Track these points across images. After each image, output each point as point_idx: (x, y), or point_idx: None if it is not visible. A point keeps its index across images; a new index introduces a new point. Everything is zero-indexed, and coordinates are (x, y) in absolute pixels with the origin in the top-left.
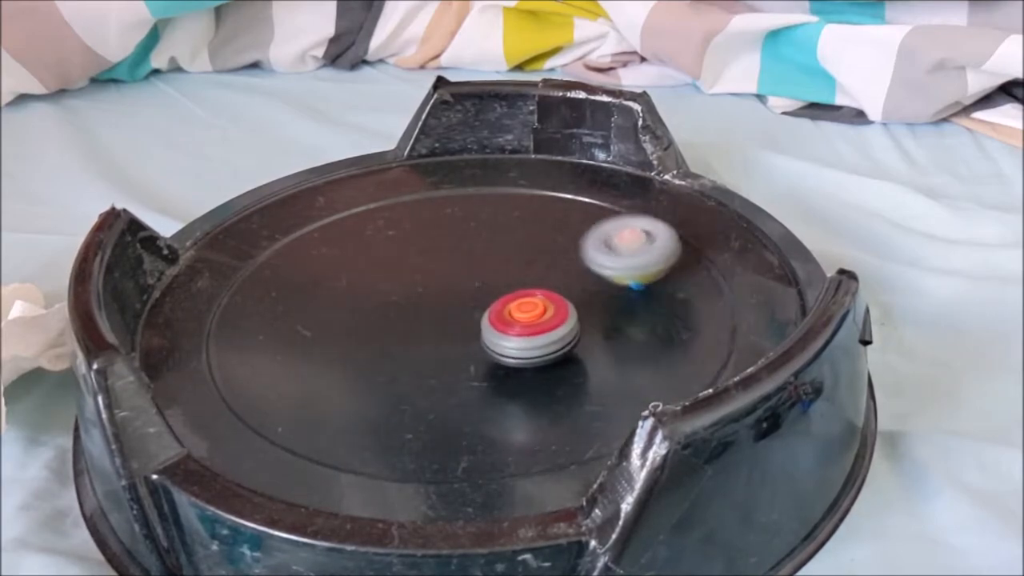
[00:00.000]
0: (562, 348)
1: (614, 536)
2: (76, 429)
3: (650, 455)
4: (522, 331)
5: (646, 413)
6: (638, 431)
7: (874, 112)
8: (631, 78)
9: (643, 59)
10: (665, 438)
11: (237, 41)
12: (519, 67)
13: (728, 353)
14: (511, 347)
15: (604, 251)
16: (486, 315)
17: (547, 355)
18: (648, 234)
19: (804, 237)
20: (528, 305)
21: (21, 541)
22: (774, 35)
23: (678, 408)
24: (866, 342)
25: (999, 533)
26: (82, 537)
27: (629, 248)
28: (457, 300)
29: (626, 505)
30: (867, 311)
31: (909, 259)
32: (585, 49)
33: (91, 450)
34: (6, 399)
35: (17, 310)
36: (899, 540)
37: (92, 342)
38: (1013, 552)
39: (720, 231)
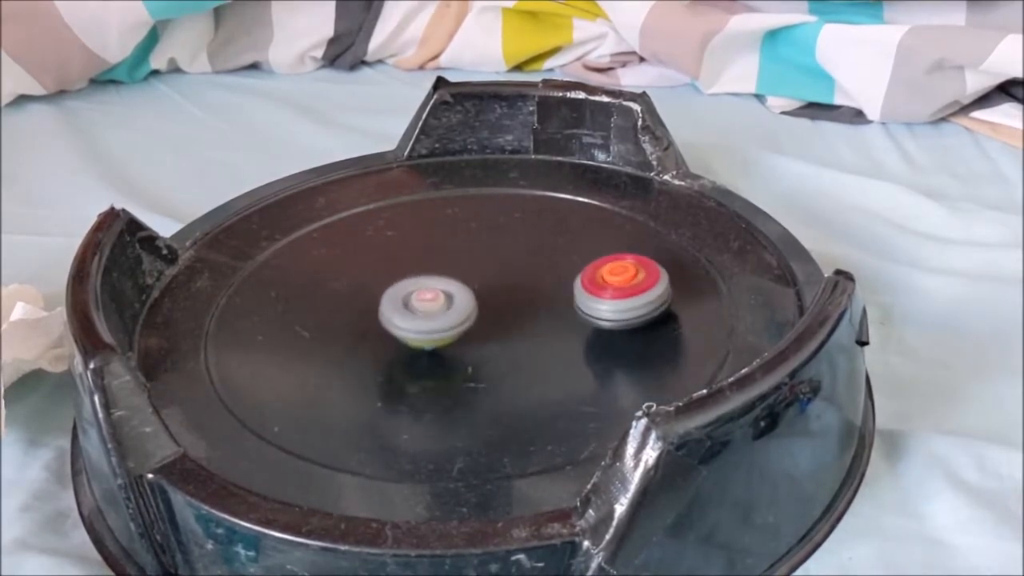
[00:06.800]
0: (656, 309)
1: (608, 536)
2: (74, 429)
3: (644, 456)
4: (615, 294)
5: (640, 413)
6: (632, 431)
7: (873, 112)
8: (630, 78)
9: (642, 59)
10: (659, 439)
11: (236, 42)
12: (518, 68)
13: (725, 353)
14: (605, 309)
15: (401, 311)
16: (578, 280)
17: (640, 316)
18: (448, 296)
19: (803, 237)
20: (619, 268)
21: (21, 542)
22: (773, 35)
23: (671, 408)
24: (863, 343)
25: (999, 533)
26: (82, 538)
27: (427, 310)
28: None
29: (620, 506)
30: (864, 312)
31: (909, 259)
32: (584, 49)
33: (88, 450)
34: (6, 401)
35: (19, 312)
36: (898, 540)
37: (89, 342)
38: (1013, 552)
39: (719, 232)
